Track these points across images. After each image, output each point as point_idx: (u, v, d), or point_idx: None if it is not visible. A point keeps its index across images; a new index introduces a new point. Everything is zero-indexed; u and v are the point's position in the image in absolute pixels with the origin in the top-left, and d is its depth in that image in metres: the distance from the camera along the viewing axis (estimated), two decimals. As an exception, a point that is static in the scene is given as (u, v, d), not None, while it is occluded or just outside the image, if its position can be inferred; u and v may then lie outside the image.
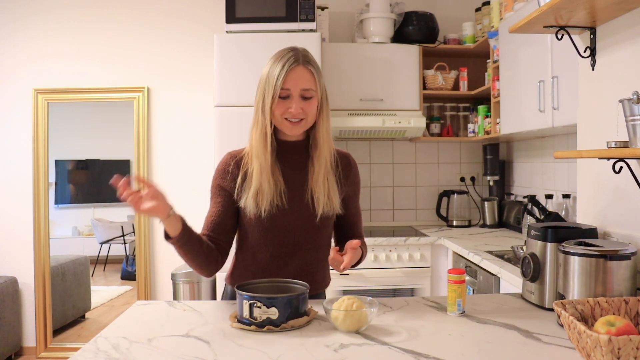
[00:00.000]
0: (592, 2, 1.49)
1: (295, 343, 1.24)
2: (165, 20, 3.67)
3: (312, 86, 1.53)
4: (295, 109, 1.50)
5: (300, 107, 1.51)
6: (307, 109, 1.53)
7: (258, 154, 1.53)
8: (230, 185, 1.58)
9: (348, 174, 1.66)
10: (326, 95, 1.59)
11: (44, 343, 3.61)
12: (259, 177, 1.52)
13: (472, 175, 3.85)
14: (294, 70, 1.50)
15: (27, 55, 3.64)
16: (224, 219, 1.59)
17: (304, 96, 1.52)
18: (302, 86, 1.51)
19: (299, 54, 1.53)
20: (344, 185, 1.64)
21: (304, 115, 1.53)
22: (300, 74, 1.51)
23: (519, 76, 2.77)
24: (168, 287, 3.56)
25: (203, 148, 3.62)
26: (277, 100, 1.50)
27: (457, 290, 1.44)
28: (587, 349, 1.05)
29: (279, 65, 1.50)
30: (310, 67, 1.53)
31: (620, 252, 1.37)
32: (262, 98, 1.52)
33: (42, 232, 3.63)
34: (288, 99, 1.51)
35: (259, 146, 1.53)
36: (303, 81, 1.51)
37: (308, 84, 1.52)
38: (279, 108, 1.51)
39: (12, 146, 3.66)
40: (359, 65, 3.40)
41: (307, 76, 1.52)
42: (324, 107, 1.57)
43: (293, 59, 1.51)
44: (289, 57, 1.51)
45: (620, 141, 1.43)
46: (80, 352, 1.19)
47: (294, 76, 1.50)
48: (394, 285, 3.11)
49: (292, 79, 1.50)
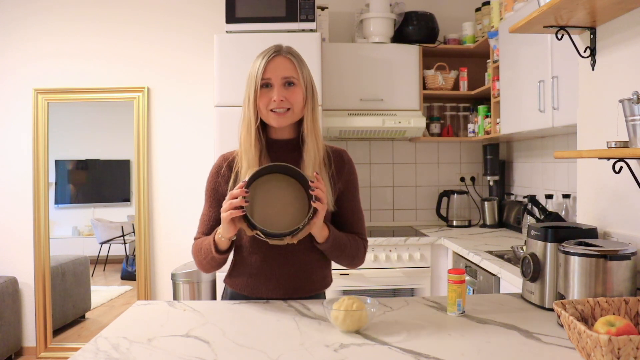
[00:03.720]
0: (592, 2, 1.49)
1: (295, 343, 1.24)
2: (165, 20, 3.68)
3: (294, 74, 1.53)
4: (277, 96, 1.50)
5: (283, 95, 1.51)
6: (291, 97, 1.52)
7: (246, 151, 1.53)
8: (224, 187, 1.58)
9: (341, 170, 1.63)
10: (312, 88, 1.58)
11: (44, 343, 3.61)
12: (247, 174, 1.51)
13: (472, 175, 3.85)
14: (273, 59, 1.51)
15: (27, 55, 3.65)
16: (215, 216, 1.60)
17: (286, 83, 1.52)
18: (282, 74, 1.52)
19: (280, 47, 1.55)
20: (338, 182, 1.61)
21: (288, 104, 1.52)
22: (280, 62, 1.52)
23: (519, 76, 2.77)
24: (168, 287, 3.57)
25: (203, 148, 3.62)
26: (259, 91, 1.51)
27: (457, 290, 1.44)
28: (587, 349, 1.05)
29: (259, 58, 1.53)
30: (291, 57, 1.54)
31: (620, 252, 1.37)
32: (247, 93, 1.54)
33: (42, 232, 3.63)
34: (270, 88, 1.52)
35: (246, 142, 1.53)
36: (283, 69, 1.52)
37: (288, 72, 1.52)
38: (262, 99, 1.52)
39: (12, 146, 3.66)
40: (359, 65, 3.40)
41: (286, 64, 1.53)
42: (310, 99, 1.56)
43: (273, 50, 1.53)
44: (269, 50, 1.54)
45: (620, 141, 1.43)
46: (80, 352, 1.19)
47: (274, 65, 1.51)
48: (394, 285, 3.11)
49: (272, 68, 1.51)
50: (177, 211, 3.65)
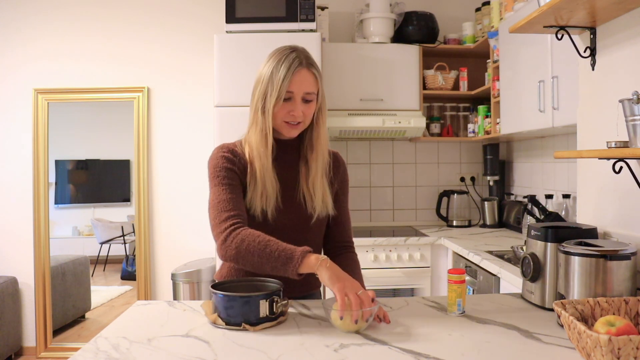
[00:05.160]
0: (592, 2, 1.49)
1: (295, 343, 1.24)
2: (165, 20, 3.68)
3: (315, 89, 1.53)
4: (297, 112, 1.50)
5: (301, 110, 1.51)
6: (307, 111, 1.53)
7: (259, 155, 1.52)
8: (241, 170, 1.54)
9: (337, 172, 1.66)
10: (324, 97, 1.58)
11: (44, 343, 3.61)
12: (262, 178, 1.51)
13: (472, 175, 3.85)
14: (299, 72, 1.49)
15: (27, 55, 3.64)
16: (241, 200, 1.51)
17: (306, 99, 1.51)
18: (306, 90, 1.51)
19: (302, 56, 1.51)
20: (334, 184, 1.65)
21: (302, 117, 1.52)
22: (305, 77, 1.50)
23: (519, 76, 2.77)
24: (168, 287, 3.56)
25: (203, 148, 3.62)
26: (280, 102, 1.49)
27: (457, 290, 1.44)
28: (587, 349, 1.05)
29: (283, 66, 1.48)
30: (314, 70, 1.53)
31: (620, 252, 1.37)
32: (263, 98, 1.50)
33: (42, 232, 3.63)
34: (290, 101, 1.50)
35: (260, 147, 1.51)
36: (307, 85, 1.51)
37: (311, 87, 1.52)
38: (281, 110, 1.50)
39: (12, 146, 3.66)
40: (359, 65, 3.40)
41: (311, 79, 1.51)
42: (323, 109, 1.57)
43: (298, 62, 1.49)
44: (292, 58, 1.49)
45: (620, 141, 1.43)
46: (80, 352, 1.19)
47: (299, 79, 1.49)
48: (394, 285, 3.11)
49: (297, 82, 1.49)
50: (177, 211, 3.65)
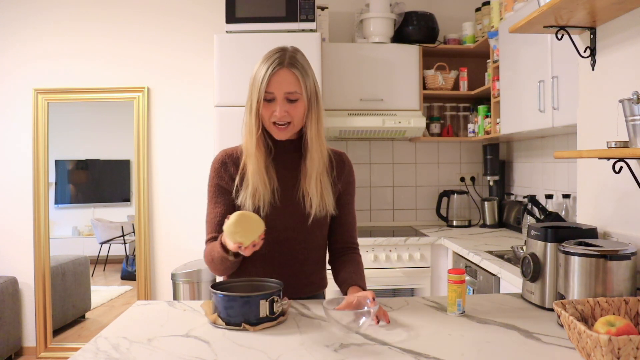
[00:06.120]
0: (592, 2, 1.49)
1: (295, 343, 1.24)
2: (165, 20, 3.68)
3: (297, 89, 1.50)
4: (279, 112, 1.49)
5: (285, 110, 1.49)
6: (293, 112, 1.51)
7: (250, 155, 1.53)
8: (229, 184, 1.58)
9: (341, 172, 1.65)
10: (316, 96, 1.55)
11: (44, 343, 3.61)
12: (254, 178, 1.52)
13: (472, 175, 3.85)
14: (277, 73, 1.48)
15: (27, 55, 3.64)
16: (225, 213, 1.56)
17: (289, 99, 1.50)
18: (286, 89, 1.49)
19: (285, 56, 1.50)
20: (337, 184, 1.63)
21: (289, 118, 1.51)
22: (284, 77, 1.49)
23: (519, 76, 2.77)
24: (168, 287, 3.56)
25: (203, 148, 3.62)
26: (262, 103, 1.50)
27: (457, 290, 1.44)
28: (587, 349, 1.05)
29: (263, 67, 1.49)
30: (295, 70, 1.50)
31: (620, 252, 1.37)
32: (250, 101, 1.52)
33: (42, 232, 3.63)
34: (273, 102, 1.50)
35: (250, 148, 1.53)
36: (286, 84, 1.49)
37: (291, 87, 1.50)
38: (265, 111, 1.51)
39: (12, 146, 3.66)
40: (359, 65, 3.40)
41: (290, 79, 1.49)
42: (313, 109, 1.54)
43: (277, 62, 1.48)
44: (274, 59, 1.49)
45: (620, 141, 1.43)
46: (80, 352, 1.19)
47: (277, 79, 1.48)
48: (394, 285, 3.11)
49: (275, 82, 1.48)
50: (177, 211, 3.65)
